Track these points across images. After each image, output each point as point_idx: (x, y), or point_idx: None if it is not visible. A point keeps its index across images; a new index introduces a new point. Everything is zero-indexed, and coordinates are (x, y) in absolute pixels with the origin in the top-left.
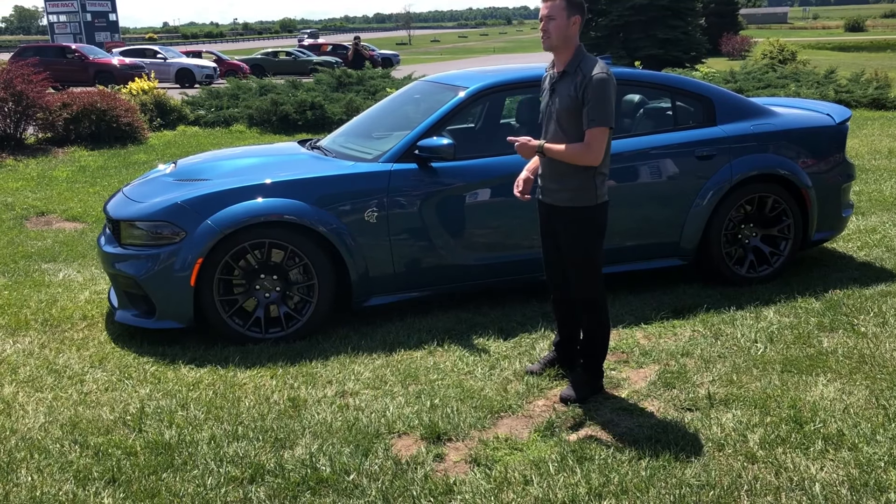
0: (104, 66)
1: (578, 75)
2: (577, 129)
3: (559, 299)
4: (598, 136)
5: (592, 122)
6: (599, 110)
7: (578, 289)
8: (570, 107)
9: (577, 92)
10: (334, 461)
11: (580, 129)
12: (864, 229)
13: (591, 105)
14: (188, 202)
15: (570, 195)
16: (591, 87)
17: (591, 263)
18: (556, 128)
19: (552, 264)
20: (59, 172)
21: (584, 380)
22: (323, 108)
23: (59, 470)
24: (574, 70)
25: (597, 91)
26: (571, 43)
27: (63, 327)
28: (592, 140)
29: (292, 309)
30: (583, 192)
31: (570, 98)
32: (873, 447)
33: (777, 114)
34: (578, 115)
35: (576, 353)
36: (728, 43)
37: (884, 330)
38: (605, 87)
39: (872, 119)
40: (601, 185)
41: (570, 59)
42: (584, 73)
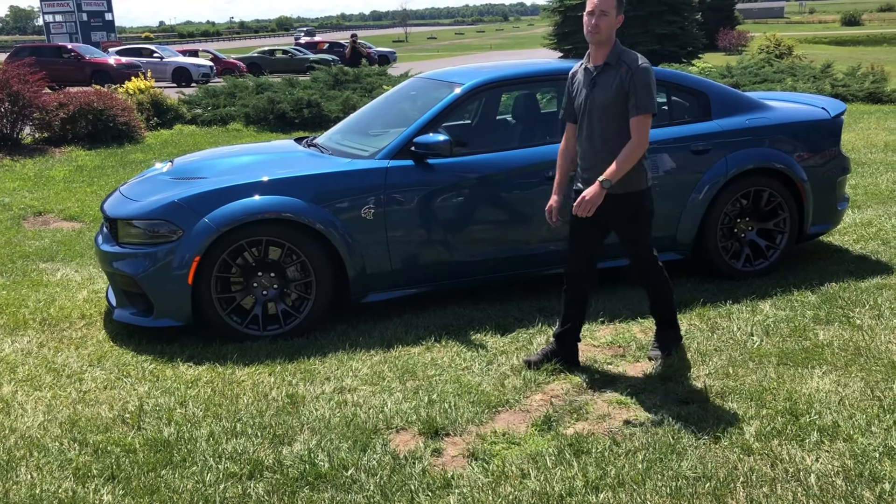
0: (101, 65)
1: (622, 66)
2: (623, 117)
3: (572, 283)
4: (643, 123)
5: (639, 109)
6: (644, 98)
7: (638, 268)
8: (617, 98)
9: (622, 82)
10: (332, 456)
11: (626, 117)
12: (859, 223)
13: (637, 94)
14: (185, 200)
15: (622, 183)
16: (637, 77)
17: (646, 242)
18: (604, 120)
19: (580, 252)
20: (57, 172)
21: (667, 335)
22: (320, 105)
23: (59, 468)
24: (616, 62)
25: (642, 79)
26: (613, 38)
27: (61, 326)
28: (639, 128)
29: (290, 306)
30: (634, 177)
31: (616, 89)
32: (868, 438)
33: (772, 108)
34: (624, 104)
35: (576, 347)
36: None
37: (879, 322)
38: (649, 76)
39: (869, 113)
40: (648, 168)
41: (609, 52)
42: (627, 64)
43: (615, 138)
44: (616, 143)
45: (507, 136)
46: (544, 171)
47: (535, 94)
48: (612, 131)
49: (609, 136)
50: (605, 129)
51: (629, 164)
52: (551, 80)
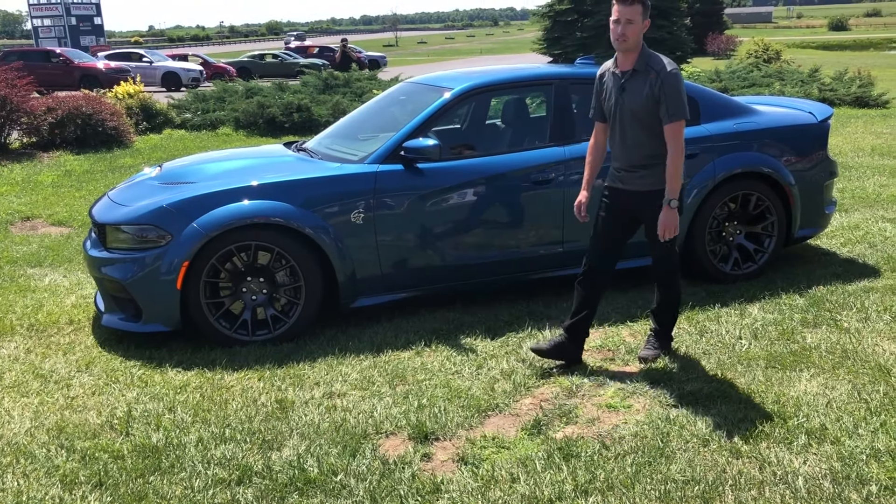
0: (89, 69)
1: (651, 73)
2: (655, 121)
3: (588, 273)
4: (678, 129)
5: (672, 116)
6: (676, 105)
7: (660, 267)
8: (648, 104)
9: (652, 88)
10: (322, 462)
11: (658, 121)
12: (847, 226)
13: (668, 100)
14: (174, 205)
15: (657, 179)
16: (667, 83)
17: (673, 242)
18: (636, 125)
19: (600, 242)
20: (45, 177)
21: (660, 342)
22: (310, 110)
23: (46, 475)
24: (645, 68)
25: (672, 86)
26: (640, 44)
27: (49, 332)
28: (675, 135)
29: (279, 311)
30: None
31: (648, 95)
32: (855, 440)
33: (760, 112)
34: (655, 109)
35: (581, 347)
36: (713, 42)
37: (866, 325)
38: (678, 81)
39: (856, 117)
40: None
41: (637, 58)
42: (656, 70)
43: (647, 141)
44: (649, 145)
45: (497, 140)
46: (533, 175)
47: (524, 99)
48: (644, 134)
49: (641, 139)
50: (637, 133)
51: (679, 173)
52: (540, 84)
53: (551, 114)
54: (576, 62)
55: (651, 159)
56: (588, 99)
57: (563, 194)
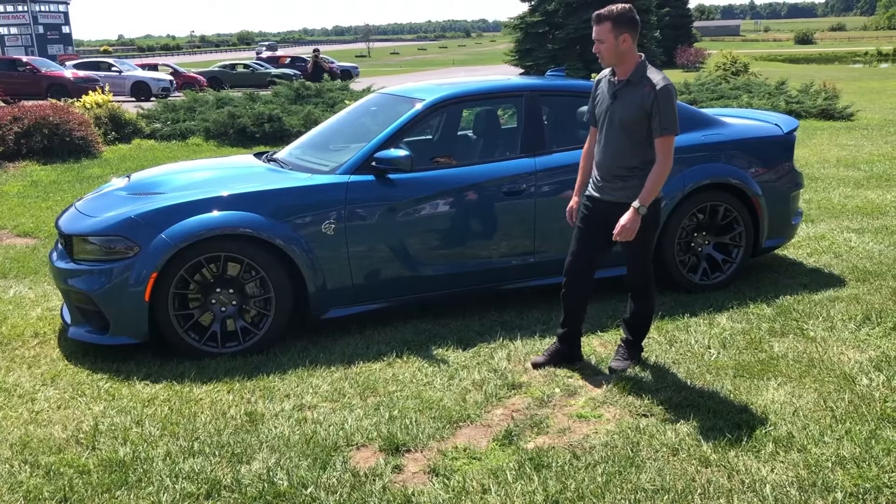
0: (57, 79)
1: (645, 85)
2: (641, 134)
3: (571, 290)
4: (669, 143)
5: (665, 130)
6: (668, 119)
7: (635, 278)
8: (637, 115)
9: (644, 101)
10: (292, 475)
11: (644, 134)
12: (813, 236)
13: (661, 114)
14: (142, 216)
15: (632, 192)
16: (661, 97)
17: (648, 253)
18: (622, 134)
19: (580, 251)
20: (10, 187)
21: (630, 352)
22: (281, 120)
23: (9, 491)
24: (639, 80)
25: (665, 100)
26: (628, 57)
27: (14, 345)
28: (665, 148)
29: (249, 323)
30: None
31: (637, 107)
32: (821, 448)
33: (727, 124)
34: (644, 122)
35: (578, 348)
36: (683, 55)
37: (832, 334)
38: (671, 96)
39: (821, 129)
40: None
41: (632, 70)
42: (651, 84)
43: (629, 153)
44: (630, 156)
45: (468, 151)
46: (504, 185)
47: (495, 110)
48: (628, 146)
49: (624, 149)
50: (622, 143)
51: (659, 184)
52: (511, 96)
53: (522, 125)
54: (546, 74)
55: (629, 171)
56: (558, 111)
57: (535, 205)
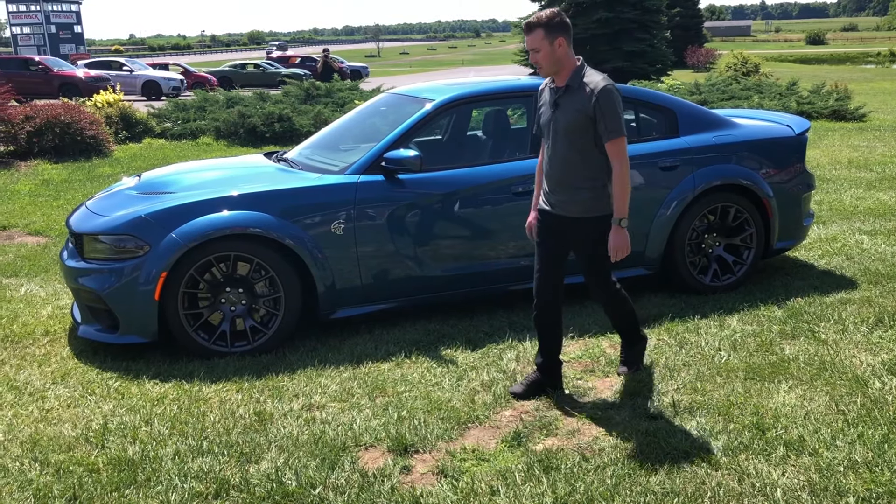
0: (69, 78)
1: (584, 89)
2: (586, 141)
3: (542, 308)
4: (620, 146)
5: (611, 133)
6: (613, 121)
7: (597, 291)
8: (579, 121)
9: (585, 106)
10: (300, 475)
11: (590, 141)
12: (824, 238)
13: (605, 118)
14: (152, 215)
15: (582, 206)
16: (601, 101)
17: (606, 268)
18: (567, 143)
19: (544, 273)
20: (22, 186)
21: (633, 351)
22: (291, 120)
23: (19, 489)
24: (578, 84)
25: (607, 103)
26: (566, 62)
27: (24, 343)
28: (616, 151)
29: (258, 322)
30: (595, 202)
31: (579, 112)
32: (833, 452)
33: (739, 125)
34: (588, 128)
35: (558, 367)
36: (693, 55)
37: (843, 337)
38: (613, 98)
39: (833, 130)
40: (610, 193)
41: (570, 75)
42: (590, 87)
43: (577, 163)
44: (577, 168)
45: (477, 151)
46: (513, 186)
47: (504, 111)
48: (575, 154)
49: (571, 160)
50: (569, 153)
51: (627, 190)
52: (521, 96)
53: (532, 125)
54: None
55: (579, 181)
56: None
57: None
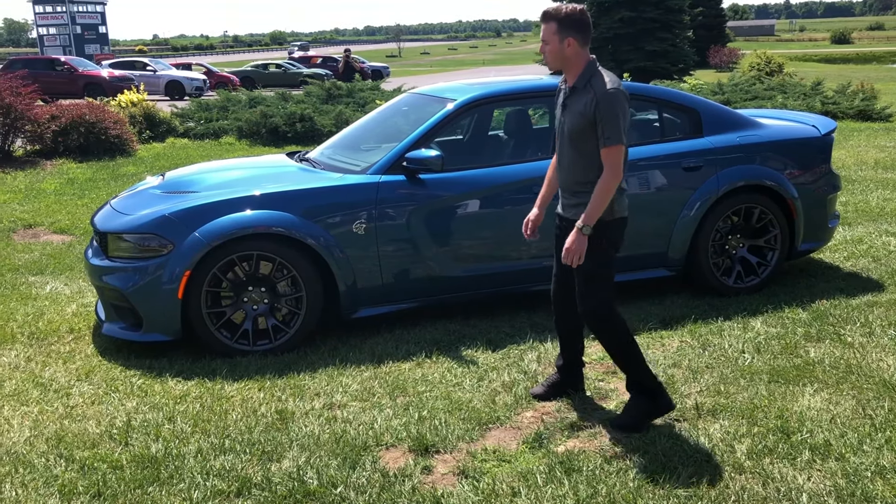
0: (93, 78)
1: (589, 92)
2: (589, 145)
3: (561, 316)
4: (614, 154)
5: (608, 140)
6: (612, 128)
7: (582, 301)
8: (581, 124)
9: (587, 109)
10: (321, 474)
11: (593, 145)
12: (850, 240)
13: (603, 123)
14: (176, 214)
15: (579, 209)
16: (602, 105)
17: (599, 277)
18: (571, 146)
19: (559, 277)
20: (48, 185)
21: (630, 403)
22: (312, 120)
23: (44, 484)
24: (584, 86)
25: (608, 108)
26: (575, 62)
27: (50, 340)
28: (609, 160)
29: (280, 321)
30: None
31: (581, 115)
32: (860, 457)
33: (763, 125)
34: (590, 132)
35: (580, 369)
36: (716, 55)
37: (870, 340)
38: (615, 103)
39: (859, 130)
40: (618, 199)
41: (579, 75)
42: (595, 90)
43: (580, 167)
44: (581, 172)
45: (499, 151)
46: (535, 186)
47: (526, 110)
48: (578, 159)
49: (575, 163)
50: (573, 156)
51: (605, 199)
52: (543, 96)
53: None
54: None
55: (582, 187)
56: None
57: None
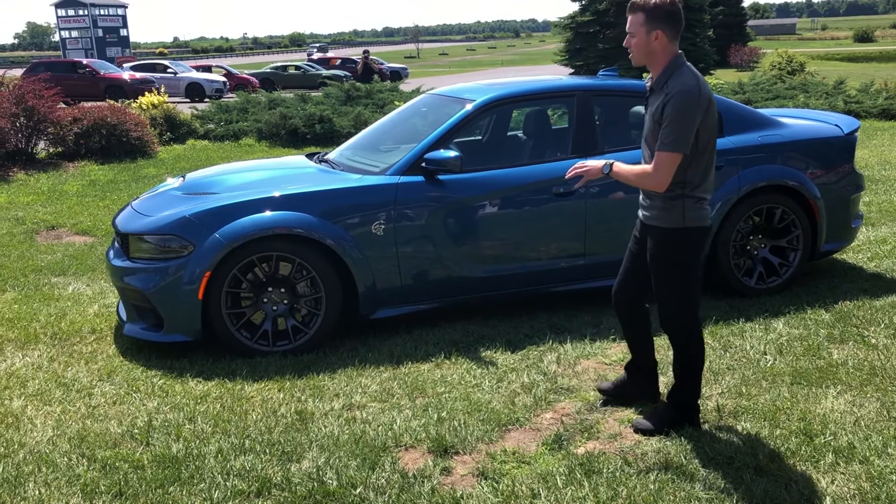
0: (115, 80)
1: (664, 93)
2: None
3: (624, 319)
4: (666, 161)
5: (663, 145)
6: (673, 132)
7: (661, 308)
8: (652, 129)
9: (657, 111)
10: (341, 474)
11: None
12: (873, 240)
13: (665, 126)
14: (196, 215)
15: (654, 213)
16: (669, 106)
17: (674, 287)
18: (646, 150)
19: (622, 273)
20: (70, 186)
21: (660, 410)
22: (331, 121)
23: (67, 483)
24: (661, 87)
25: (674, 111)
26: (660, 57)
27: (72, 341)
28: (660, 164)
29: (300, 322)
30: (666, 212)
31: (652, 118)
32: (885, 460)
33: (785, 125)
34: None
35: (653, 375)
36: (736, 54)
37: (894, 342)
38: (683, 107)
39: (882, 129)
40: (691, 207)
41: (659, 74)
42: (667, 92)
43: None
44: None
45: (518, 152)
46: (554, 187)
47: (545, 111)
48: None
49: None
50: (648, 160)
51: (632, 179)
52: (562, 96)
53: (573, 126)
54: (599, 73)
55: (650, 193)
56: (610, 111)
57: (585, 206)
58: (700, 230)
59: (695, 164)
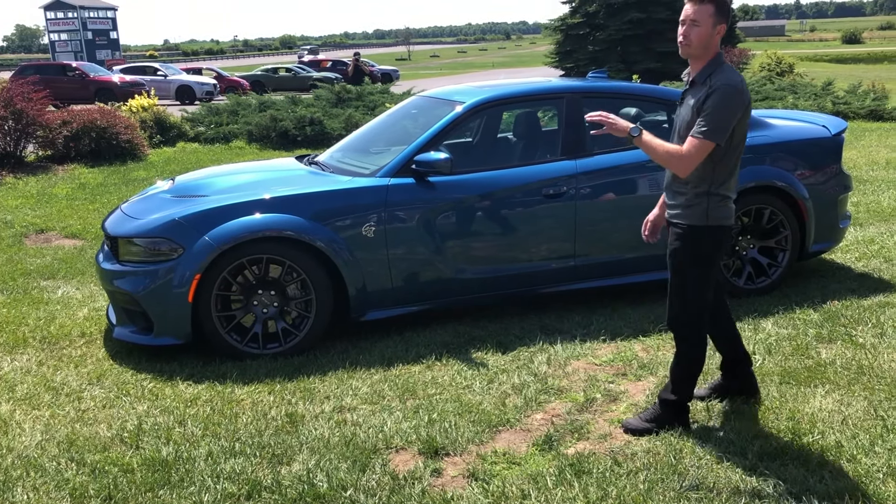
0: (105, 83)
1: (707, 86)
2: None
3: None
4: (699, 147)
5: (700, 132)
6: (713, 122)
7: (670, 308)
8: (691, 118)
9: (697, 102)
10: (331, 477)
11: None
12: (861, 240)
13: (705, 114)
14: (186, 218)
15: (679, 210)
16: (714, 96)
17: (689, 286)
18: (678, 142)
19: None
20: (59, 190)
21: (651, 410)
22: (322, 123)
23: (56, 488)
24: (704, 80)
25: (717, 100)
26: (711, 52)
27: (61, 344)
28: (692, 149)
29: (290, 324)
30: (690, 209)
31: (691, 109)
32: (872, 459)
33: (773, 126)
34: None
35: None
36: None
37: (882, 341)
38: (726, 100)
39: (870, 130)
40: (716, 206)
41: (702, 68)
42: (712, 84)
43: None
44: (692, 172)
45: (508, 154)
46: (544, 188)
47: (535, 113)
48: None
49: None
50: None
51: (659, 153)
52: (552, 98)
53: (563, 127)
54: (588, 75)
55: (679, 185)
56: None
57: (575, 208)
58: (722, 229)
59: (725, 162)
